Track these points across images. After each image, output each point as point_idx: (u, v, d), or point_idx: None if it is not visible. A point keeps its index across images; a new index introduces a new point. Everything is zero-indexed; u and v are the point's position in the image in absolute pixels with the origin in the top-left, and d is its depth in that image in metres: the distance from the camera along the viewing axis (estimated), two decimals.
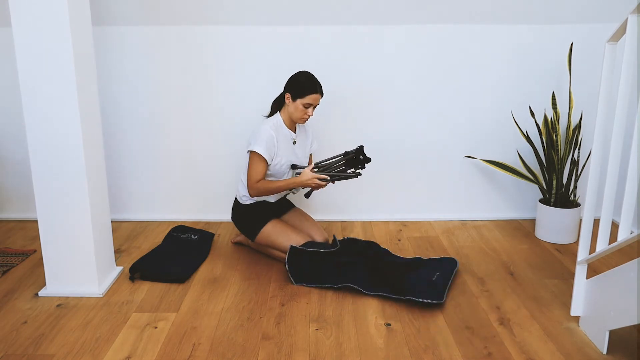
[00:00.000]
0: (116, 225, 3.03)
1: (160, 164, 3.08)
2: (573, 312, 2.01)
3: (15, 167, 3.09)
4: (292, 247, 2.37)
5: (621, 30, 1.74)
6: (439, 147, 3.07)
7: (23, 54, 1.98)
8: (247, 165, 2.43)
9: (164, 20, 2.83)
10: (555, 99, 2.77)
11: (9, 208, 3.17)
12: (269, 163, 2.41)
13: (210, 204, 3.13)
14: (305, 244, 2.40)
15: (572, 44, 2.75)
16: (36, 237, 2.83)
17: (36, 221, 2.87)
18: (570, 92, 2.74)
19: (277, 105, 2.54)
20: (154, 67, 2.92)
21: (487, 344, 1.87)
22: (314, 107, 2.45)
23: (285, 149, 2.47)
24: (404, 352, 1.82)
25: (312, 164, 2.46)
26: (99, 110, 2.25)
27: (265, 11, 2.79)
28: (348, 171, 2.44)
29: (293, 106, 2.42)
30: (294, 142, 2.53)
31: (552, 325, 1.99)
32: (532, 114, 2.87)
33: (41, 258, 2.26)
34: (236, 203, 2.62)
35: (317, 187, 2.40)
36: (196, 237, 2.81)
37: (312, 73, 2.47)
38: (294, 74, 2.47)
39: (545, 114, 2.83)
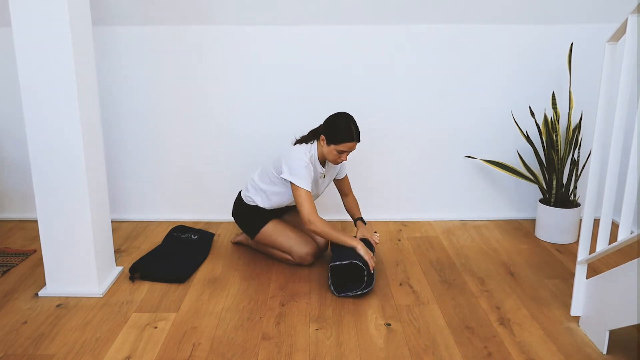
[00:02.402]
0: (116, 225, 3.03)
1: (160, 164, 3.08)
2: (573, 312, 2.01)
3: (15, 167, 3.09)
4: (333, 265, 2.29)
5: (621, 30, 1.74)
6: (439, 147, 3.07)
7: (23, 54, 1.98)
8: (294, 197, 2.32)
9: (163, 20, 2.83)
10: (555, 99, 2.77)
11: (9, 208, 3.17)
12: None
13: (210, 204, 3.13)
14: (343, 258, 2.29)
15: (572, 44, 2.75)
16: (36, 237, 2.83)
17: (36, 221, 2.87)
18: (570, 92, 2.74)
19: (315, 135, 2.43)
20: (153, 67, 2.92)
21: (487, 344, 1.87)
22: (349, 152, 2.37)
23: (314, 181, 2.44)
24: (404, 352, 1.82)
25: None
26: (99, 110, 2.25)
27: (265, 11, 2.79)
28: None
29: (327, 149, 2.35)
30: (324, 177, 2.50)
31: (552, 325, 1.99)
32: (532, 114, 2.87)
33: (41, 258, 2.26)
34: (239, 200, 2.62)
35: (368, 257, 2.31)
36: (196, 237, 2.81)
37: (352, 116, 2.36)
38: (333, 117, 2.37)
39: (545, 114, 2.83)
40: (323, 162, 2.47)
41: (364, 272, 2.24)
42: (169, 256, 2.58)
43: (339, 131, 2.31)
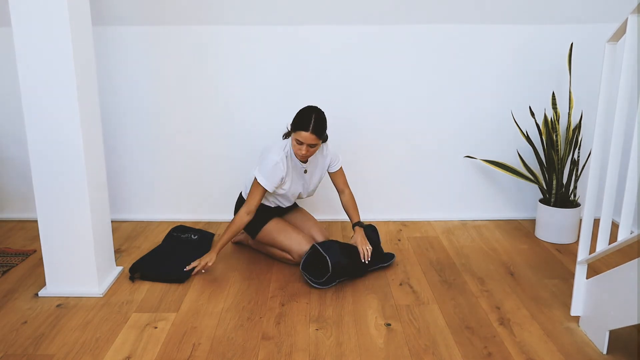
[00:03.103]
0: (116, 225, 3.03)
1: (160, 164, 3.08)
2: (573, 312, 2.01)
3: (15, 167, 3.09)
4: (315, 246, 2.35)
5: (621, 30, 1.74)
6: (439, 147, 3.07)
7: (23, 54, 1.98)
8: (251, 186, 2.36)
9: (164, 20, 2.83)
10: (555, 99, 2.77)
11: (9, 208, 3.17)
12: (271, 191, 2.36)
13: (210, 204, 3.13)
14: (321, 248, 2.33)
15: (572, 44, 2.75)
16: (36, 237, 2.83)
17: (36, 221, 2.87)
18: (570, 92, 2.74)
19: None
20: (154, 67, 2.92)
21: (487, 344, 1.87)
22: (309, 146, 2.26)
23: (294, 175, 2.42)
24: (404, 352, 1.82)
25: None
26: (99, 110, 2.25)
27: (265, 11, 2.79)
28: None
29: (292, 139, 2.32)
30: (305, 171, 2.47)
31: (552, 325, 1.99)
32: (532, 114, 2.87)
33: (41, 258, 2.26)
34: (240, 199, 2.62)
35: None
36: (196, 237, 2.81)
37: (321, 111, 2.32)
38: (303, 107, 2.35)
39: (545, 114, 2.83)
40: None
41: (327, 273, 2.25)
42: (169, 256, 2.58)
43: (296, 118, 2.29)
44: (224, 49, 2.90)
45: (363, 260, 2.37)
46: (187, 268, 2.38)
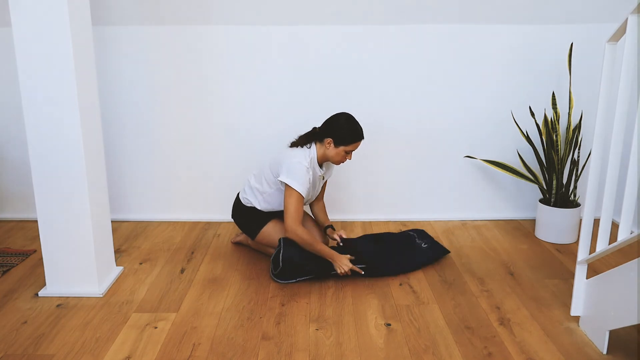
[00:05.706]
0: (116, 225, 3.03)
1: (160, 164, 3.08)
2: (573, 312, 2.01)
3: (15, 167, 3.09)
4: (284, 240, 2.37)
5: (621, 30, 1.74)
6: (439, 147, 3.07)
7: (23, 54, 1.98)
8: (285, 198, 2.33)
9: (163, 20, 2.83)
10: (555, 99, 2.77)
11: (9, 208, 3.17)
12: (304, 196, 2.36)
13: (210, 204, 3.14)
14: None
15: (572, 44, 2.75)
16: (36, 237, 2.83)
17: (36, 221, 2.87)
18: (570, 92, 2.74)
19: (309, 138, 2.44)
20: (153, 67, 2.92)
21: (487, 344, 1.87)
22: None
23: (312, 184, 2.44)
24: (404, 352, 1.82)
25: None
26: (99, 110, 2.25)
27: (265, 11, 2.79)
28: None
29: (334, 151, 2.37)
30: (322, 178, 2.52)
31: (552, 325, 1.99)
32: (532, 114, 2.87)
33: (41, 258, 2.26)
34: (238, 201, 2.62)
35: (342, 272, 2.34)
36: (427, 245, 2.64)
37: (353, 116, 2.40)
38: (337, 119, 2.38)
39: (545, 114, 2.83)
40: (321, 165, 2.48)
41: (278, 262, 2.30)
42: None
43: (348, 133, 2.34)
44: (224, 49, 2.90)
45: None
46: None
